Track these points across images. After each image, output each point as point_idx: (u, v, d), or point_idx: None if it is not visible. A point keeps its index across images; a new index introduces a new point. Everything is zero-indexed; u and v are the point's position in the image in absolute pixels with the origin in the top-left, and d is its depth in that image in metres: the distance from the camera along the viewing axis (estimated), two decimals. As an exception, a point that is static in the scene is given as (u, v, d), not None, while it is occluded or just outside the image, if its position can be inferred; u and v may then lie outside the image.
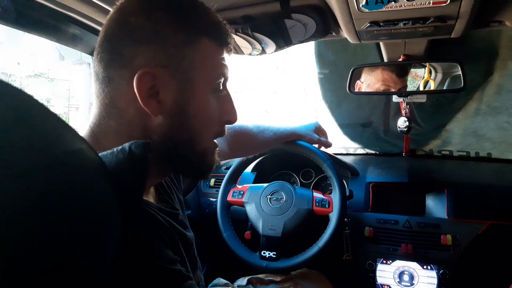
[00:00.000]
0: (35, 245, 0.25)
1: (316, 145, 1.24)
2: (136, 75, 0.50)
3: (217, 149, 0.62)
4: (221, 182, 1.29)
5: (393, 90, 1.22)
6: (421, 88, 1.25)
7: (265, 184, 1.25)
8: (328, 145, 1.24)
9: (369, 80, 1.21)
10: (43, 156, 0.27)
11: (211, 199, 1.45)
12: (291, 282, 1.11)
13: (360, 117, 1.72)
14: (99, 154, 0.38)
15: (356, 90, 1.22)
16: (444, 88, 1.26)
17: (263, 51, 0.96)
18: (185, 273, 0.52)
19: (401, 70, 1.21)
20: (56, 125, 0.31)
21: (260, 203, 1.20)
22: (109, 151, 0.39)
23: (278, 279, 1.12)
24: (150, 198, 0.62)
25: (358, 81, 1.22)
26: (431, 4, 0.66)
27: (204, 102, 0.55)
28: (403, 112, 1.23)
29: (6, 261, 0.23)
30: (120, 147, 0.39)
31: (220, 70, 0.57)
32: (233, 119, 0.62)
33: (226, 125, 0.63)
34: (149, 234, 0.51)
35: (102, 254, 0.32)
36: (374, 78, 1.20)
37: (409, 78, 1.26)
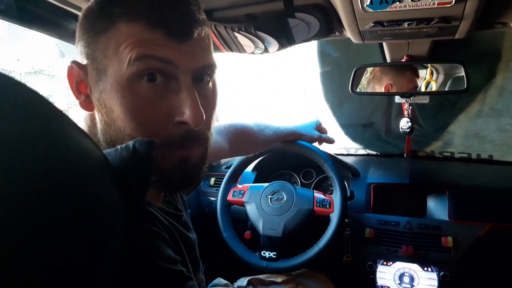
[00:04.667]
0: (36, 244, 0.24)
1: (318, 143, 1.23)
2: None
3: (194, 158, 0.53)
4: (221, 181, 1.29)
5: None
6: (423, 89, 1.24)
7: (266, 184, 1.25)
8: (330, 141, 1.24)
9: (401, 83, 1.19)
10: (46, 152, 0.27)
11: (211, 198, 1.44)
12: (293, 283, 1.11)
13: (361, 117, 1.72)
14: (104, 152, 0.37)
15: (384, 91, 1.21)
16: (446, 89, 1.26)
17: (265, 50, 0.95)
18: (186, 273, 0.52)
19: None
20: (60, 121, 0.30)
21: (260, 203, 1.19)
22: (113, 149, 0.38)
23: (279, 280, 1.12)
24: (156, 198, 0.61)
25: (387, 83, 1.20)
26: (435, 5, 0.66)
27: (119, 94, 0.47)
28: (405, 113, 1.22)
29: (6, 260, 0.23)
30: (124, 145, 0.39)
31: (141, 53, 0.46)
32: (183, 118, 0.48)
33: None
34: (150, 233, 0.51)
35: (105, 253, 0.32)
36: (407, 81, 1.19)
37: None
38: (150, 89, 0.48)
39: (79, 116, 0.57)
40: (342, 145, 1.72)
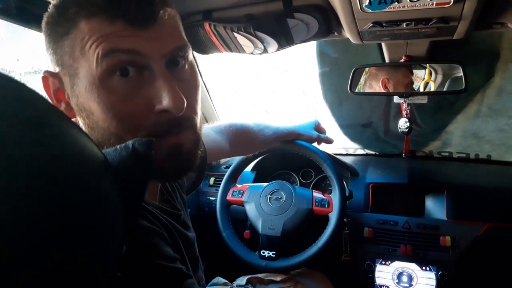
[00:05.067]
0: (36, 244, 0.24)
1: (316, 143, 1.24)
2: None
3: (186, 145, 0.52)
4: (221, 181, 1.29)
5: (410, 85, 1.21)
6: (421, 89, 1.24)
7: (265, 184, 1.25)
8: (329, 141, 1.24)
9: (397, 77, 1.19)
10: (46, 152, 0.27)
11: (210, 198, 1.45)
12: (291, 281, 1.11)
13: (360, 117, 1.72)
14: (103, 151, 0.37)
15: (382, 87, 1.21)
16: (444, 89, 1.26)
17: (265, 50, 0.95)
18: (185, 271, 0.52)
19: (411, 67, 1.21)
20: (60, 121, 0.30)
21: (259, 203, 1.20)
22: (112, 148, 0.39)
23: (278, 278, 1.12)
24: (153, 197, 0.61)
25: (383, 78, 1.20)
26: (434, 5, 0.66)
27: (95, 95, 0.46)
28: (404, 113, 1.23)
29: (6, 260, 0.23)
30: (123, 144, 0.39)
31: (107, 48, 0.44)
32: (163, 106, 0.47)
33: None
34: (149, 232, 0.51)
35: (105, 252, 0.32)
36: (402, 75, 1.19)
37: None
38: (125, 83, 0.46)
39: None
40: (341, 145, 1.72)
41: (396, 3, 0.66)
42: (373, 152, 1.64)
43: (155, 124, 0.48)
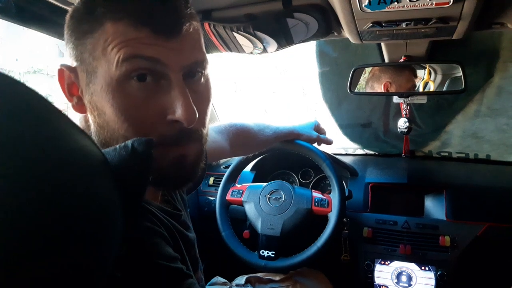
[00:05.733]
0: (35, 246, 0.24)
1: (316, 143, 1.24)
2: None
3: (190, 157, 0.52)
4: (220, 180, 1.29)
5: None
6: (421, 89, 1.25)
7: (264, 184, 1.25)
8: (328, 142, 1.24)
9: (400, 81, 1.20)
10: (46, 152, 0.27)
11: (210, 197, 1.45)
12: (290, 281, 1.11)
13: (360, 117, 1.72)
14: (102, 151, 0.37)
15: (384, 91, 1.21)
16: (444, 89, 1.27)
17: (264, 50, 0.95)
18: (185, 271, 0.52)
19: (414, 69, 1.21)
20: (59, 121, 0.30)
21: (259, 202, 1.20)
22: (111, 148, 0.39)
23: (277, 278, 1.12)
24: (155, 197, 0.61)
25: (386, 81, 1.20)
26: (433, 5, 0.66)
27: (110, 96, 0.47)
28: (403, 113, 1.23)
29: (7, 261, 0.23)
30: (123, 144, 0.39)
31: (128, 53, 0.45)
32: (175, 116, 0.48)
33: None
34: (149, 232, 0.51)
35: (104, 252, 0.32)
36: (405, 80, 1.19)
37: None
38: (141, 89, 0.47)
39: (77, 116, 0.56)
40: (340, 145, 1.72)
41: (396, 3, 0.66)
42: (372, 152, 1.64)
43: (164, 133, 0.49)
